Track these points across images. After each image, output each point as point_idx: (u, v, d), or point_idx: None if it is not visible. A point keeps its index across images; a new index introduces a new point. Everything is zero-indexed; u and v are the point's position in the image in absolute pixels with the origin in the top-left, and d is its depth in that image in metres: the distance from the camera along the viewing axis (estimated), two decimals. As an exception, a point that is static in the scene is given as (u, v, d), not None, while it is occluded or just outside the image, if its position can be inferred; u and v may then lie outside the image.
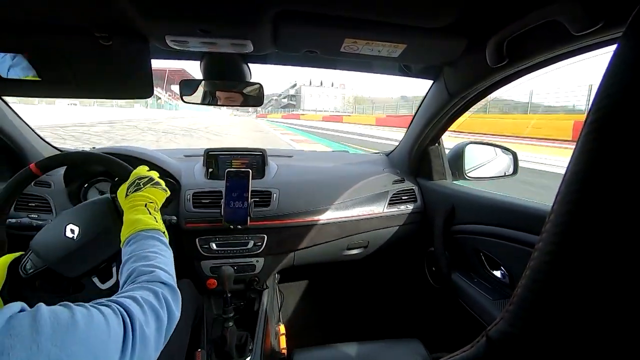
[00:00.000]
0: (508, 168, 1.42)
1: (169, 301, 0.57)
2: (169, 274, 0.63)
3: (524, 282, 0.30)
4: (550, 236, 0.28)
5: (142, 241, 0.68)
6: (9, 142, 1.22)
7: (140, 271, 0.60)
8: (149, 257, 0.64)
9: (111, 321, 0.43)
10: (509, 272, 1.03)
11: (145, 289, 0.56)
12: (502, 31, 0.74)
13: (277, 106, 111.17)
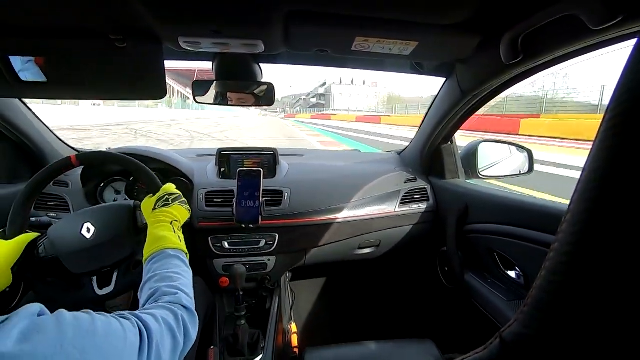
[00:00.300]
0: (523, 166, 1.39)
1: (187, 325, 0.59)
2: (189, 297, 0.65)
3: (539, 282, 0.29)
4: (566, 236, 0.27)
5: (167, 260, 0.70)
6: (29, 143, 1.26)
7: (163, 292, 0.62)
8: (173, 278, 0.66)
9: (128, 333, 0.44)
10: (524, 272, 1.01)
11: (166, 309, 0.58)
12: (517, 27, 0.73)
13: (306, 106, 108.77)
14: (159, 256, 0.71)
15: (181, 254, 0.74)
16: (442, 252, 1.39)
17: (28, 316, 0.35)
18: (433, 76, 1.23)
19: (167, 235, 0.75)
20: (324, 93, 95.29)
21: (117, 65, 0.80)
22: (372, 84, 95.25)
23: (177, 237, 0.77)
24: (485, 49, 0.86)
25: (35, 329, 0.33)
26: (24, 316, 0.34)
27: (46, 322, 0.36)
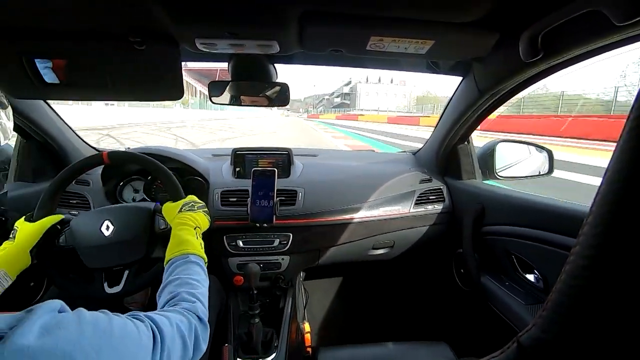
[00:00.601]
0: (542, 167, 1.36)
1: (199, 337, 0.60)
2: (205, 308, 0.66)
3: (559, 286, 0.29)
4: (588, 238, 0.27)
5: (189, 265, 0.72)
6: (52, 143, 1.31)
7: (182, 297, 0.63)
8: (193, 285, 0.67)
9: (142, 335, 0.45)
10: (542, 275, 0.98)
11: (182, 315, 0.59)
12: (537, 23, 0.71)
13: (329, 106, 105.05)
14: (183, 260, 0.72)
15: (202, 261, 0.76)
16: (458, 253, 1.37)
17: (49, 311, 0.36)
18: (449, 75, 1.21)
19: (191, 239, 0.78)
20: (348, 92, 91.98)
21: (136, 67, 0.82)
22: (400, 82, 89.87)
23: (199, 243, 0.79)
24: (504, 47, 0.84)
25: (56, 324, 0.34)
26: (45, 311, 0.35)
27: (67, 318, 0.37)
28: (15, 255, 0.78)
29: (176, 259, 0.73)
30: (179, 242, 0.77)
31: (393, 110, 67.46)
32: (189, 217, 0.84)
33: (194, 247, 0.76)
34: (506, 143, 1.43)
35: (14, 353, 0.29)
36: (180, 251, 0.74)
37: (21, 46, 0.76)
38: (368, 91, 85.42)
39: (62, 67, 0.80)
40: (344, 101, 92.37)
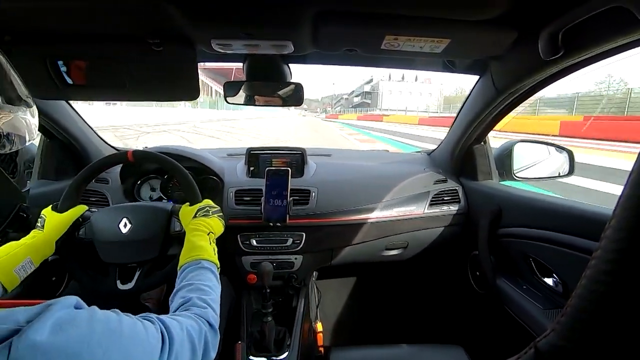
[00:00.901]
0: (562, 168, 1.32)
1: (209, 343, 0.60)
2: (216, 314, 0.66)
3: (579, 291, 0.28)
4: (610, 243, 0.26)
5: (202, 271, 0.73)
6: (74, 143, 1.35)
7: (194, 303, 0.64)
8: (205, 291, 0.68)
9: (151, 336, 0.46)
10: (562, 280, 0.95)
11: (193, 320, 0.59)
12: (557, 20, 0.69)
13: (348, 105, 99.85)
14: (196, 266, 0.74)
15: (215, 267, 0.77)
16: (473, 256, 1.34)
17: (65, 307, 0.37)
18: (466, 74, 1.19)
19: (204, 245, 0.79)
20: (369, 91, 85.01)
21: (153, 68, 0.84)
22: (425, 80, 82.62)
23: (212, 249, 0.80)
24: (522, 45, 0.82)
25: (69, 321, 0.35)
26: (61, 307, 0.36)
27: (80, 316, 0.37)
28: (43, 244, 0.82)
29: (189, 265, 0.74)
30: (192, 247, 0.78)
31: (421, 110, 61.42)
32: (203, 222, 0.86)
33: (207, 253, 0.78)
34: (524, 143, 1.40)
35: (28, 348, 0.30)
36: (193, 257, 0.76)
37: (45, 49, 0.78)
38: (391, 89, 77.82)
39: (83, 69, 0.83)
40: (365, 100, 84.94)
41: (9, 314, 0.33)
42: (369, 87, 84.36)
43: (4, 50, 0.72)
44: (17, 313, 0.33)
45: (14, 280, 0.71)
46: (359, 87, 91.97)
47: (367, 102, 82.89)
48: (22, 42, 0.76)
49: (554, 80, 0.93)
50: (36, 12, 0.67)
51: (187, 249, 0.78)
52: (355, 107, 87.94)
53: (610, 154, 8.23)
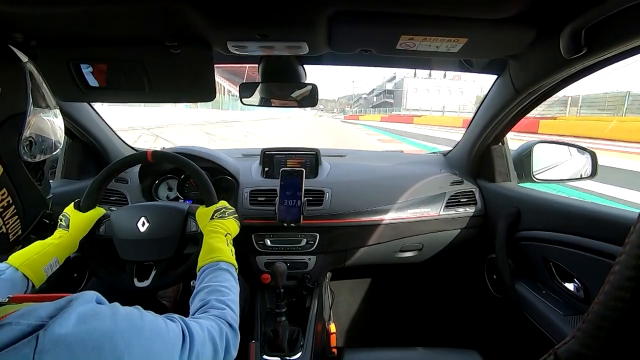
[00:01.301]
0: (584, 169, 1.28)
1: (230, 342, 0.61)
2: (235, 314, 0.68)
3: (601, 298, 0.27)
4: (635, 248, 0.25)
5: (219, 272, 0.74)
6: (95, 143, 1.39)
7: (212, 304, 0.66)
8: (223, 292, 0.70)
9: (172, 334, 0.47)
10: (583, 285, 0.92)
11: (213, 321, 0.61)
12: (580, 18, 0.67)
13: (367, 105, 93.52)
14: (213, 267, 0.75)
15: (232, 268, 0.78)
16: (490, 259, 1.32)
17: (87, 302, 0.38)
18: (483, 74, 1.17)
19: (222, 247, 0.81)
20: (392, 89, 75.07)
21: (171, 70, 0.86)
22: (454, 77, 72.58)
23: (229, 250, 0.82)
24: (542, 43, 0.80)
25: (93, 315, 0.36)
26: (84, 301, 0.38)
27: (103, 310, 0.39)
28: (68, 244, 0.86)
29: (207, 267, 0.76)
30: (210, 249, 0.80)
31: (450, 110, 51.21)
32: (219, 224, 0.87)
33: (225, 254, 0.79)
34: (544, 144, 1.36)
35: (53, 341, 0.31)
36: (211, 258, 0.77)
37: (69, 53, 0.81)
38: (417, 87, 67.18)
39: (104, 72, 0.85)
40: (387, 99, 75.64)
41: (33, 310, 0.34)
42: (392, 85, 74.88)
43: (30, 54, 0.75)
44: (40, 309, 0.34)
45: (42, 278, 0.76)
46: (380, 85, 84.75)
47: (389, 102, 74.16)
48: (48, 46, 0.79)
49: (575, 80, 0.90)
50: (61, 17, 0.69)
51: (205, 250, 0.80)
52: (375, 106, 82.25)
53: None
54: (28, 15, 0.67)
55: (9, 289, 0.69)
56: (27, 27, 0.73)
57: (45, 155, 0.50)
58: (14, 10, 0.64)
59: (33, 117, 0.46)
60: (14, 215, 0.45)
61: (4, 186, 0.42)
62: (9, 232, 0.45)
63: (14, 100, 0.43)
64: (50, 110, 0.51)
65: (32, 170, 0.49)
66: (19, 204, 0.46)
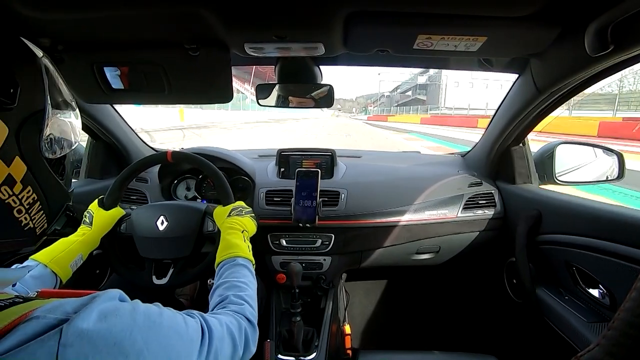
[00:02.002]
0: (611, 171, 1.23)
1: (249, 338, 0.62)
2: (254, 309, 0.69)
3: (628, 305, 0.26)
4: None
5: (237, 268, 0.76)
6: (117, 144, 1.43)
7: (231, 300, 0.67)
8: (241, 287, 0.71)
9: (190, 330, 0.47)
10: (609, 291, 0.89)
11: (231, 317, 0.61)
12: (606, 14, 0.64)
13: (390, 104, 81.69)
14: (231, 263, 0.77)
15: (250, 264, 0.79)
16: (510, 262, 1.29)
17: (110, 299, 0.40)
18: (503, 73, 1.14)
19: (239, 243, 0.82)
20: (425, 83, 61.69)
21: (190, 72, 0.88)
22: None
23: (247, 246, 0.83)
24: (566, 41, 0.78)
25: (114, 311, 0.38)
26: (106, 298, 0.39)
27: (124, 307, 0.40)
28: (92, 241, 0.90)
29: (225, 262, 0.77)
30: (228, 245, 0.81)
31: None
32: (237, 221, 0.89)
33: (242, 250, 0.80)
34: (567, 145, 1.32)
35: (75, 335, 0.32)
36: (229, 254, 0.78)
37: (93, 56, 0.84)
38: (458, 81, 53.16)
39: (126, 74, 0.88)
40: (418, 96, 61.96)
41: (59, 305, 0.35)
42: (425, 78, 60.79)
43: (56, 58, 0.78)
44: (66, 304, 0.36)
45: (68, 274, 0.80)
46: (410, 79, 69.09)
47: (421, 99, 60.52)
48: (73, 50, 0.82)
49: (601, 78, 0.87)
50: (86, 22, 0.72)
51: (223, 247, 0.81)
52: (403, 104, 68.21)
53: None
54: (55, 21, 0.70)
55: (40, 285, 0.72)
56: (54, 33, 0.76)
57: (65, 151, 0.52)
58: (42, 17, 0.67)
59: (52, 113, 0.47)
60: (39, 211, 0.46)
61: (29, 184, 0.44)
62: (35, 226, 0.47)
63: (33, 97, 0.44)
64: (67, 105, 0.52)
65: (54, 166, 0.50)
66: (44, 200, 0.47)
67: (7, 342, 0.30)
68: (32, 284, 0.70)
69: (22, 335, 0.31)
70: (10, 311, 0.33)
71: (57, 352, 0.31)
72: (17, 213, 0.43)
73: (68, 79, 0.54)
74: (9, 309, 0.34)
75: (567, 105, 6.48)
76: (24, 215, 0.44)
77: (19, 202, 0.42)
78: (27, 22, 0.68)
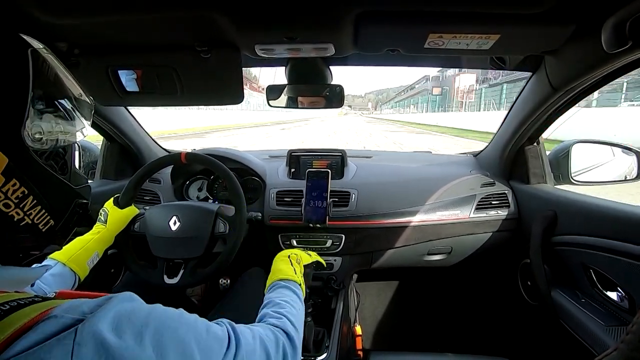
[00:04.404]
0: (630, 171, 1.19)
1: (287, 355, 0.56)
2: (296, 328, 0.63)
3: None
4: None
5: (279, 290, 0.75)
6: (131, 145, 1.46)
7: (269, 314, 0.64)
8: (281, 304, 0.69)
9: (212, 337, 0.45)
10: (628, 294, 0.86)
11: (268, 330, 0.57)
12: (624, 9, 0.63)
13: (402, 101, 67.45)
14: (274, 287, 0.77)
15: (294, 285, 0.78)
16: (524, 264, 1.26)
17: (125, 300, 0.39)
18: (517, 71, 1.12)
19: (282, 268, 0.83)
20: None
21: (202, 74, 0.89)
22: None
23: (292, 269, 0.83)
24: (581, 38, 0.76)
25: (129, 313, 0.38)
26: (122, 299, 0.39)
27: (140, 307, 0.40)
28: (107, 238, 0.93)
29: (270, 287, 0.78)
30: (273, 272, 0.82)
31: None
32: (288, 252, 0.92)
33: (285, 273, 0.80)
34: (584, 144, 1.29)
35: (90, 334, 0.33)
36: (273, 279, 0.79)
37: (108, 60, 0.86)
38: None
39: (139, 77, 0.90)
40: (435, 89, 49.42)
41: (76, 305, 0.36)
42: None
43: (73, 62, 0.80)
44: (82, 304, 0.36)
45: (86, 271, 0.82)
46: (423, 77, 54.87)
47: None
48: (88, 54, 0.84)
49: (618, 76, 0.85)
50: (101, 26, 0.74)
51: (270, 275, 0.82)
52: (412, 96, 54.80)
53: None
54: (71, 25, 0.71)
55: (60, 282, 0.75)
56: (71, 37, 0.78)
57: (55, 144, 0.48)
58: (59, 22, 0.69)
59: (39, 104, 0.44)
60: (35, 206, 0.44)
61: (14, 177, 0.41)
62: (35, 222, 0.45)
63: (11, 86, 0.41)
64: (68, 99, 0.50)
65: (49, 160, 0.47)
66: (39, 194, 0.45)
67: (27, 340, 0.31)
68: (52, 282, 0.72)
69: (41, 334, 0.31)
70: (29, 309, 0.34)
71: (72, 351, 0.31)
72: (5, 207, 0.41)
73: (84, 82, 0.54)
74: (28, 307, 0.35)
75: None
76: (14, 210, 0.42)
77: (4, 195, 0.40)
78: (44, 27, 0.70)
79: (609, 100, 13.35)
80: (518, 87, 6.26)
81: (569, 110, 1.09)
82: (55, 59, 0.48)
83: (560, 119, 1.14)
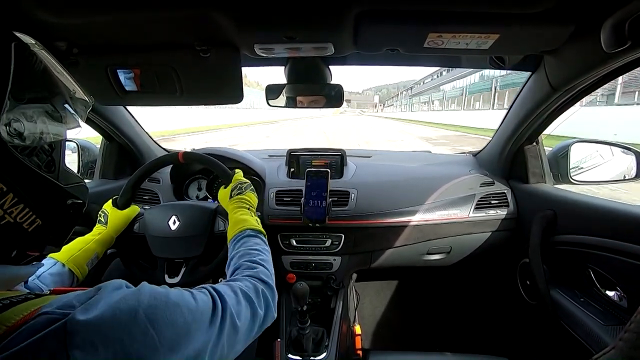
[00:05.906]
0: (629, 170, 1.20)
1: (268, 299, 0.62)
2: (269, 271, 0.69)
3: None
4: None
5: (247, 239, 0.77)
6: (131, 145, 1.46)
7: (244, 266, 0.68)
8: (252, 254, 0.72)
9: (200, 303, 0.47)
10: (627, 294, 0.87)
11: (247, 281, 0.61)
12: (623, 9, 0.63)
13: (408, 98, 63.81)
14: (241, 236, 0.78)
15: (260, 234, 0.81)
16: (524, 263, 1.26)
17: (115, 288, 0.41)
18: (516, 70, 1.12)
19: (247, 218, 0.84)
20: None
21: (201, 74, 0.89)
22: None
23: (254, 220, 0.85)
24: (581, 38, 0.76)
25: (120, 298, 0.39)
26: (112, 287, 0.41)
27: (129, 292, 0.41)
28: (107, 239, 0.93)
29: (235, 237, 0.79)
30: (236, 222, 0.83)
31: None
32: (239, 199, 0.91)
33: (249, 223, 0.82)
34: (583, 143, 1.29)
35: (81, 323, 0.34)
36: (238, 229, 0.80)
37: (107, 59, 0.86)
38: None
39: (138, 77, 0.89)
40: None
41: (66, 299, 0.37)
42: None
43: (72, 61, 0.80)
44: (72, 298, 0.37)
45: (85, 272, 0.83)
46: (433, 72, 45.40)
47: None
48: (88, 53, 0.84)
49: (617, 75, 0.85)
50: (100, 26, 0.74)
51: (231, 225, 0.83)
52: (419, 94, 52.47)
53: None
54: (71, 24, 0.71)
55: (59, 282, 0.75)
56: (70, 36, 0.78)
57: (38, 141, 0.45)
58: (58, 21, 0.69)
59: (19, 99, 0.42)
60: (16, 204, 0.42)
61: None
62: (18, 221, 0.43)
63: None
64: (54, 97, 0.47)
65: (32, 157, 0.45)
66: (20, 192, 0.42)
67: (21, 336, 0.31)
68: (50, 282, 0.72)
69: (32, 331, 0.32)
70: (23, 306, 0.35)
71: (64, 341, 0.32)
72: None
73: (83, 81, 0.54)
74: (21, 305, 0.35)
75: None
76: None
77: None
78: (43, 26, 0.70)
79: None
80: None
81: (569, 109, 1.10)
82: (48, 55, 0.47)
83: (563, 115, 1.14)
